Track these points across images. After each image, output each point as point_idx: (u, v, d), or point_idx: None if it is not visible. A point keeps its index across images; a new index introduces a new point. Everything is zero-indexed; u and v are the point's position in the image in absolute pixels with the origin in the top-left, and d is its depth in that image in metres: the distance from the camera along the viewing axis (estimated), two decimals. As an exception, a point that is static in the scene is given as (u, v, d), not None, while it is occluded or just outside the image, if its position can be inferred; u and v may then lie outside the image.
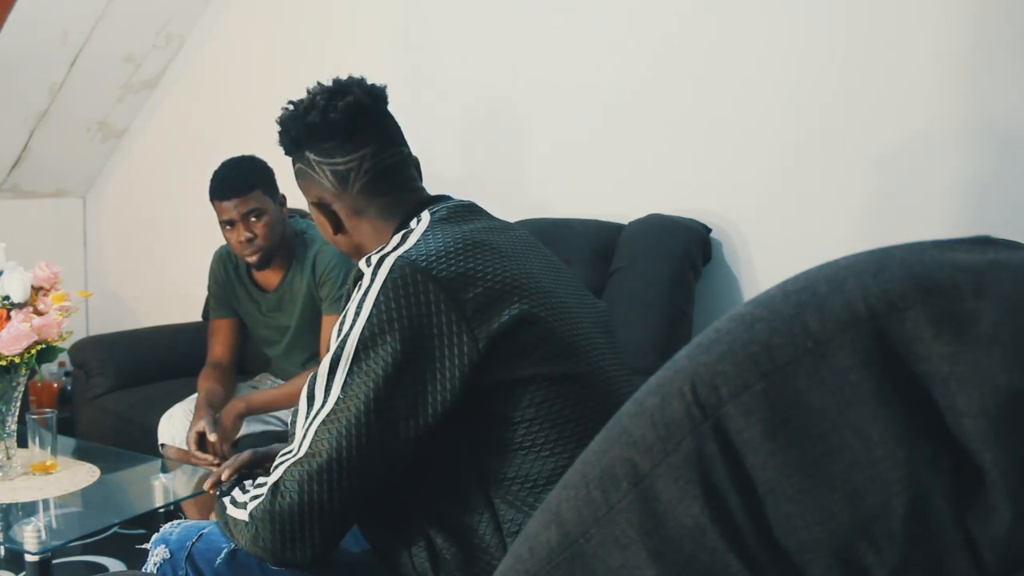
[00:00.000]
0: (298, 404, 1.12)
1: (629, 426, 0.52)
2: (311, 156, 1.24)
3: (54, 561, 1.68)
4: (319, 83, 1.28)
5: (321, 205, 1.27)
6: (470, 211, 1.24)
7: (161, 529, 1.29)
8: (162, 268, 3.78)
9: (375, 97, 1.27)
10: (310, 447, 1.06)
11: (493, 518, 1.10)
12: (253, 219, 2.18)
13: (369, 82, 1.29)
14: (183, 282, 3.59)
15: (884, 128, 2.19)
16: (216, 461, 2.06)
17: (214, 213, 2.24)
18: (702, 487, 0.48)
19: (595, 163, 2.66)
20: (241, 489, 1.18)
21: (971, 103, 2.09)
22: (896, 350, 0.46)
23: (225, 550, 1.21)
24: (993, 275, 0.46)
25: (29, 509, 1.78)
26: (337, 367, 1.07)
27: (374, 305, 1.06)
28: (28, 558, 1.62)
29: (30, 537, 1.61)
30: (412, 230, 1.17)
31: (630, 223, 2.43)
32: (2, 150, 3.51)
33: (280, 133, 1.28)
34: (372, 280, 1.08)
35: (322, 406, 1.07)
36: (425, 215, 1.20)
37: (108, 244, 3.97)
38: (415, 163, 1.32)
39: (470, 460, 1.12)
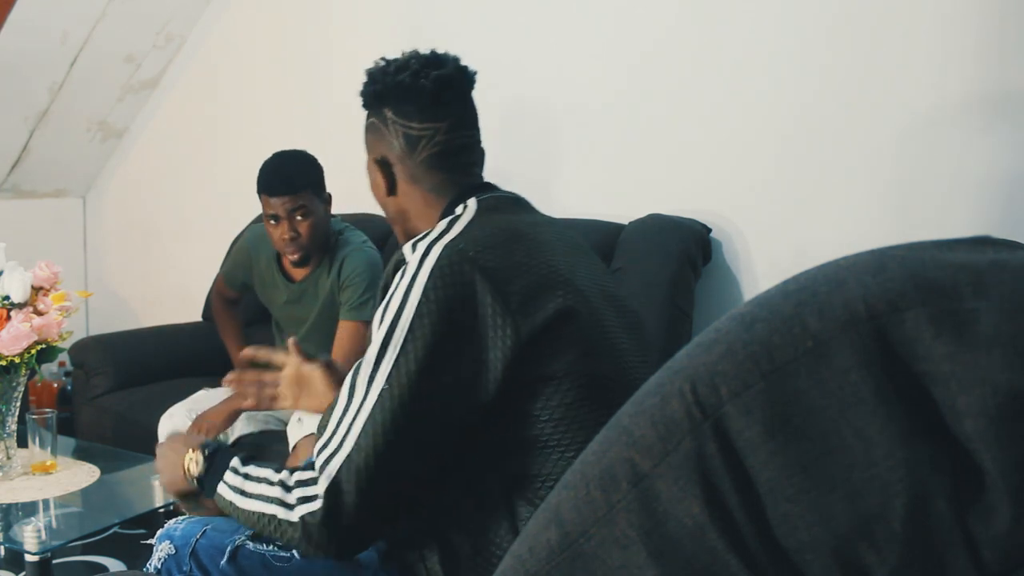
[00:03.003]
0: (339, 393, 1.09)
1: (629, 426, 0.52)
2: (389, 113, 1.24)
3: (54, 561, 1.68)
4: (416, 50, 1.28)
5: (382, 164, 1.27)
6: (516, 203, 1.25)
7: (166, 525, 1.29)
8: (162, 268, 3.78)
9: (466, 77, 1.29)
10: (359, 440, 1.04)
11: (510, 516, 1.09)
12: (299, 218, 2.18)
13: (463, 63, 1.30)
14: (183, 282, 3.59)
15: (885, 127, 2.19)
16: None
17: (214, 212, 2.25)
18: (702, 487, 0.48)
19: (595, 163, 2.66)
20: (243, 476, 1.13)
21: (974, 92, 2.09)
22: (896, 350, 0.46)
23: (229, 547, 1.21)
24: (993, 275, 0.46)
25: (29, 509, 1.78)
26: (384, 356, 1.06)
27: (423, 294, 1.06)
28: (28, 558, 1.62)
29: (30, 537, 1.61)
30: (458, 217, 1.17)
31: (630, 223, 2.43)
32: (2, 150, 3.51)
33: (365, 84, 1.28)
34: (419, 267, 1.08)
35: (365, 397, 1.06)
36: (472, 202, 1.20)
37: (108, 244, 3.97)
38: (481, 152, 1.33)
39: (493, 458, 1.12)
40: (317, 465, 1.07)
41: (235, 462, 1.16)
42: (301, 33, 3.32)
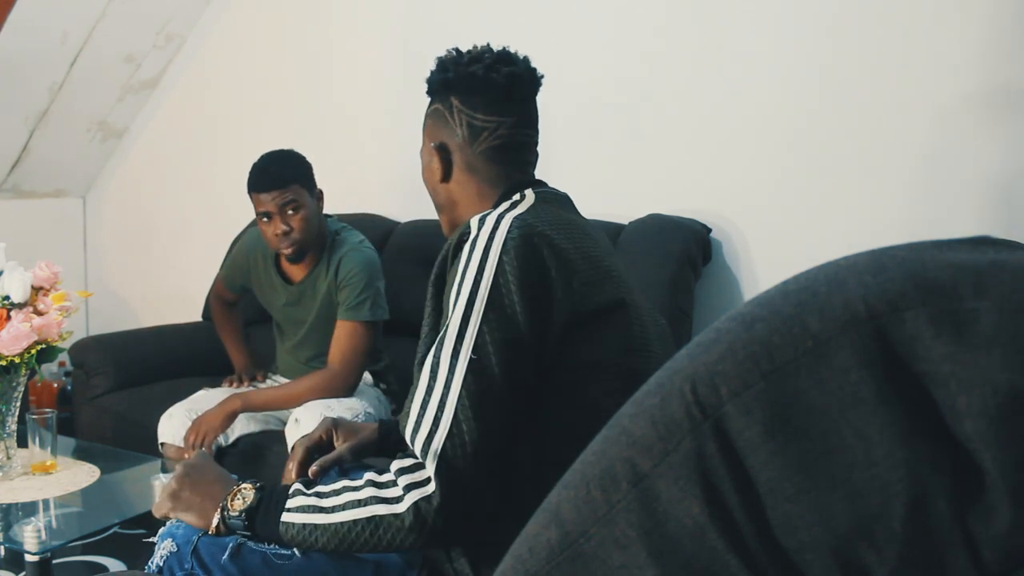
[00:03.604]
0: (418, 378, 1.08)
1: (629, 426, 0.52)
2: (456, 102, 1.27)
3: (54, 561, 1.69)
4: (488, 45, 1.30)
5: (441, 150, 1.28)
6: (566, 202, 1.28)
7: (167, 523, 1.29)
8: (162, 268, 3.78)
9: (533, 79, 1.30)
10: (457, 413, 1.03)
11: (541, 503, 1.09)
12: (290, 212, 2.20)
13: (533, 65, 1.32)
14: (183, 282, 3.59)
15: (885, 127, 2.19)
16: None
17: (213, 212, 2.25)
18: (702, 487, 0.48)
19: (595, 163, 2.66)
20: (315, 495, 1.09)
21: (975, 92, 2.09)
22: (896, 350, 0.46)
23: (230, 544, 1.20)
24: (993, 275, 0.46)
25: (29, 509, 1.78)
26: (467, 328, 1.05)
27: (498, 264, 1.07)
28: (28, 558, 1.62)
29: (30, 537, 1.61)
30: (518, 202, 1.21)
31: (630, 223, 2.43)
32: (2, 150, 3.51)
33: (435, 71, 1.30)
34: (491, 238, 1.09)
35: (452, 371, 1.04)
36: (529, 192, 1.23)
37: (108, 244, 3.97)
38: (536, 155, 1.35)
39: (534, 447, 1.11)
40: (417, 449, 1.04)
41: (298, 486, 1.12)
42: (301, 33, 3.32)
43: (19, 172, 3.64)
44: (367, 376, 2.39)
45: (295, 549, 1.23)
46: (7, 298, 1.86)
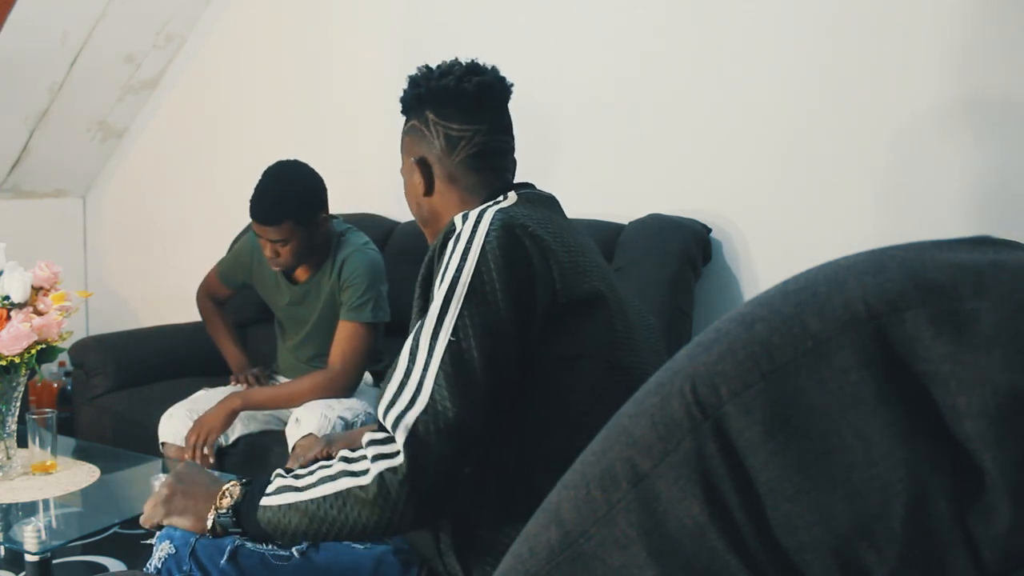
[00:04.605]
0: (396, 360, 1.09)
1: (629, 426, 0.52)
2: (431, 115, 1.30)
3: (54, 561, 1.68)
4: (457, 58, 1.34)
5: (422, 164, 1.32)
6: (551, 203, 1.31)
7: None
8: (162, 268, 3.78)
9: (504, 87, 1.34)
10: (434, 392, 1.03)
11: (528, 498, 1.09)
12: (279, 245, 2.21)
13: (502, 74, 1.35)
14: (183, 282, 3.59)
15: (885, 127, 2.19)
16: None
17: (213, 212, 2.25)
18: (702, 487, 0.48)
19: (595, 163, 2.66)
20: (293, 476, 1.10)
21: (979, 87, 2.09)
22: (896, 350, 0.46)
23: (228, 546, 1.20)
24: (993, 275, 0.46)
25: (29, 509, 1.78)
26: (447, 311, 1.07)
27: (481, 252, 1.09)
28: (28, 558, 1.62)
29: (30, 537, 1.61)
30: (500, 201, 1.23)
31: (630, 223, 2.44)
32: (2, 150, 3.51)
33: (408, 88, 1.33)
34: (474, 230, 1.11)
35: (431, 352, 1.05)
36: (512, 194, 1.26)
37: (108, 244, 3.97)
38: (514, 161, 1.38)
39: (514, 442, 1.12)
40: (388, 423, 1.04)
41: (279, 471, 1.13)
42: (301, 33, 3.32)
43: (19, 172, 3.64)
44: (368, 376, 2.39)
45: (292, 549, 1.23)
46: (7, 298, 1.86)
